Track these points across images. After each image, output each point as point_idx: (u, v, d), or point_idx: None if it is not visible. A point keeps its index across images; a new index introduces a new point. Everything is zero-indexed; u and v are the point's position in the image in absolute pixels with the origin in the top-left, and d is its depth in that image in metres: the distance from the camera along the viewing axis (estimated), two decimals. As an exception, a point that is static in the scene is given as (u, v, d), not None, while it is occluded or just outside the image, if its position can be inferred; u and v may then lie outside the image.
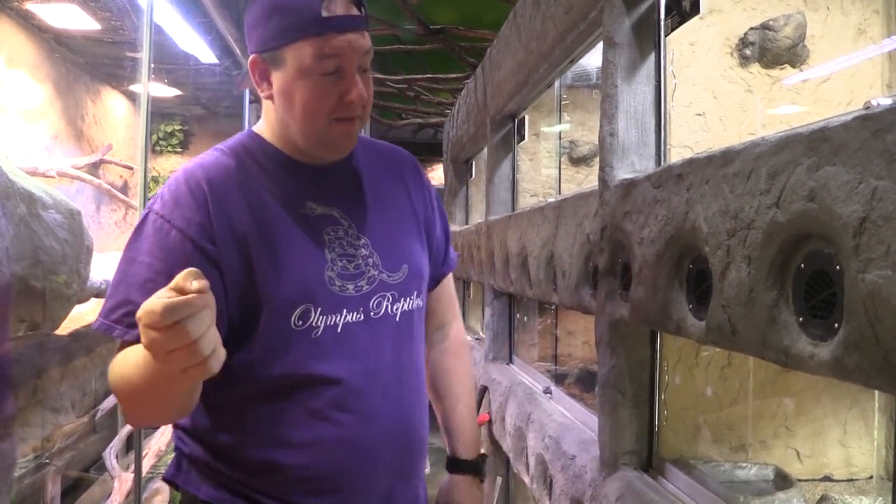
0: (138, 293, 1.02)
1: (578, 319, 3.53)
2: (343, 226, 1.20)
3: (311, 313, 1.12)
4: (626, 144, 1.90)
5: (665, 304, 1.50)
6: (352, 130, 1.17)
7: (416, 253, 1.30)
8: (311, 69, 1.10)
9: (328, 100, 1.13)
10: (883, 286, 0.88)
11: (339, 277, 1.16)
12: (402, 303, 1.23)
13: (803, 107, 2.18)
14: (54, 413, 3.97)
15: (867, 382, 0.96)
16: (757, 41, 2.12)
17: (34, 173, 3.76)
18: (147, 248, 1.08)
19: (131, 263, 1.08)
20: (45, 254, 2.05)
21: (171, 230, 1.08)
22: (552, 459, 2.35)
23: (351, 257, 1.18)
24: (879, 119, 0.92)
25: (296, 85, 1.12)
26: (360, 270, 1.19)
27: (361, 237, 1.21)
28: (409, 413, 1.24)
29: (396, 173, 1.34)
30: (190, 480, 1.18)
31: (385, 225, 1.26)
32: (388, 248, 1.24)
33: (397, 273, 1.23)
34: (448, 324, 1.47)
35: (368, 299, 1.18)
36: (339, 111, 1.14)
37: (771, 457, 2.10)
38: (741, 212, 1.21)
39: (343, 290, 1.16)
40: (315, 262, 1.15)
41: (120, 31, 4.18)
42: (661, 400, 1.90)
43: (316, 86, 1.11)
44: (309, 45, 1.09)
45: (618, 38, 1.92)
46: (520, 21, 3.20)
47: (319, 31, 1.09)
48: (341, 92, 1.12)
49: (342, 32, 1.10)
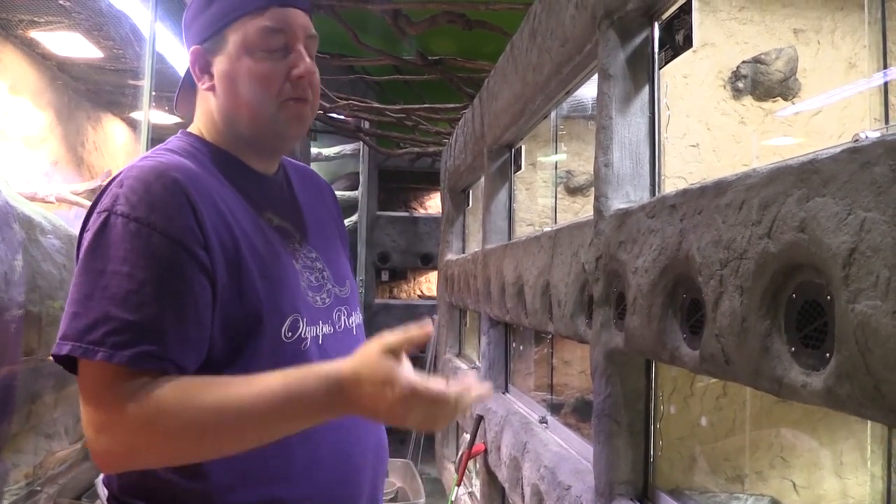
0: (120, 308, 0.90)
1: (575, 349, 3.53)
2: (296, 238, 1.14)
3: (300, 324, 1.05)
4: (620, 175, 1.92)
5: (659, 333, 1.51)
6: (303, 112, 1.09)
7: (349, 270, 1.26)
8: (255, 44, 1.05)
9: (276, 78, 1.06)
10: (873, 316, 0.89)
11: (310, 289, 1.11)
12: (354, 317, 1.20)
13: (796, 139, 2.21)
14: (47, 439, 3.94)
15: (859, 412, 0.97)
16: (749, 74, 2.15)
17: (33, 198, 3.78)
18: (121, 255, 0.92)
19: (101, 275, 0.92)
20: (42, 279, 2.06)
21: (152, 234, 0.93)
22: (548, 490, 2.33)
23: (311, 270, 1.13)
24: (867, 151, 0.94)
25: (240, 65, 1.06)
26: (321, 283, 1.14)
27: (313, 251, 1.16)
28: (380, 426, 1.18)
29: (315, 190, 1.30)
30: None
31: (325, 241, 1.21)
32: (333, 263, 1.20)
33: (344, 288, 1.20)
34: None
35: (331, 312, 1.13)
36: (288, 91, 1.07)
37: (767, 488, 2.09)
38: (733, 242, 1.22)
39: (314, 303, 1.11)
40: (292, 273, 1.09)
41: (122, 59, 4.22)
42: (656, 430, 1.90)
43: (262, 63, 1.06)
44: (251, 20, 1.05)
45: (612, 70, 1.95)
46: (517, 53, 3.25)
47: (261, 4, 1.06)
48: (288, 68, 1.06)
49: (284, 6, 1.07)
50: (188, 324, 0.94)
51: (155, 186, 0.96)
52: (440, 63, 5.91)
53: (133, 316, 0.90)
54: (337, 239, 1.27)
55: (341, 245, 1.29)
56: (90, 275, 0.93)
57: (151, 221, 0.94)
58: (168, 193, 0.96)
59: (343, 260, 1.25)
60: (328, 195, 1.33)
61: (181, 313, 0.93)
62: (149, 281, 0.92)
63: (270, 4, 1.06)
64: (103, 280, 0.92)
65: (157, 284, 0.92)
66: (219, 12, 1.07)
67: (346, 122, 8.50)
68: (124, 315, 0.90)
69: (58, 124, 4.64)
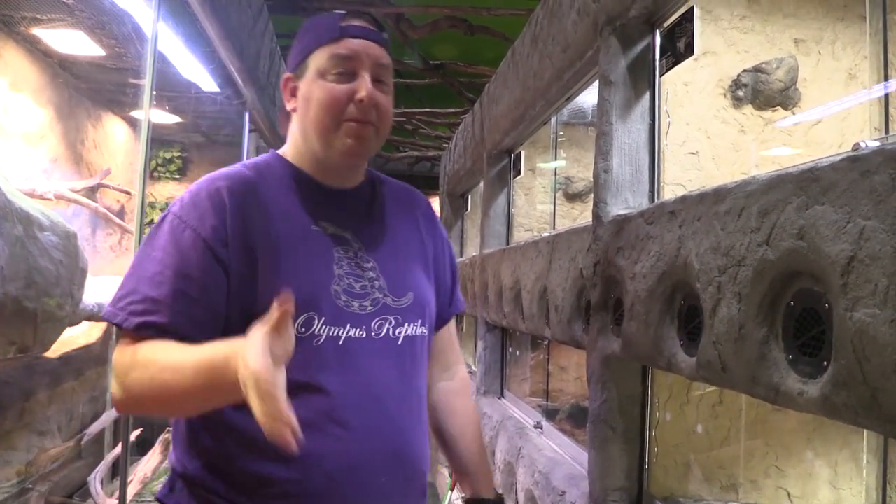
0: (147, 285, 1.09)
1: (571, 355, 3.52)
2: (353, 247, 1.23)
3: (315, 322, 1.14)
4: (620, 181, 1.92)
5: (656, 339, 1.51)
6: (363, 134, 1.20)
7: (423, 284, 1.31)
8: (326, 69, 1.19)
9: (341, 99, 1.18)
10: (870, 325, 0.89)
11: (345, 293, 1.18)
12: (406, 328, 1.24)
13: (795, 149, 2.22)
14: (40, 436, 3.92)
15: (855, 421, 0.97)
16: (750, 83, 2.16)
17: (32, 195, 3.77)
18: (161, 244, 1.13)
19: (145, 259, 1.13)
20: (39, 275, 2.05)
21: (186, 229, 1.12)
22: (542, 495, 2.33)
23: (358, 277, 1.21)
24: (867, 160, 0.94)
25: (313, 87, 1.20)
26: (366, 291, 1.21)
27: (370, 260, 1.24)
28: (407, 435, 1.22)
29: (410, 211, 1.38)
30: (181, 501, 1.17)
31: (394, 253, 1.28)
32: (395, 274, 1.26)
33: (402, 299, 1.25)
34: (454, 365, 1.48)
35: (371, 319, 1.20)
36: (351, 112, 1.18)
37: (761, 496, 2.08)
38: (732, 249, 1.22)
39: (348, 307, 1.18)
40: (322, 274, 1.18)
41: (124, 57, 4.22)
42: (651, 436, 1.89)
43: (330, 86, 1.19)
44: (326, 49, 1.20)
45: (613, 76, 1.96)
46: (518, 59, 3.26)
47: (335, 36, 1.20)
48: (353, 92, 1.18)
49: (356, 38, 1.20)
50: (197, 304, 1.10)
51: (202, 193, 1.16)
52: (441, 67, 5.92)
53: (153, 292, 1.08)
54: (419, 255, 1.34)
55: (423, 261, 1.34)
56: (138, 257, 1.15)
57: (187, 220, 1.13)
58: (208, 199, 1.15)
59: (415, 273, 1.30)
60: (423, 213, 1.41)
61: (192, 295, 1.10)
62: (172, 266, 1.10)
63: (344, 36, 1.20)
64: (144, 262, 1.12)
65: (178, 269, 1.09)
66: (304, 44, 1.24)
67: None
68: (146, 291, 1.08)
69: (58, 122, 4.64)
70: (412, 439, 1.23)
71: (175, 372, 1.03)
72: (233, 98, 4.78)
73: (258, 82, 4.62)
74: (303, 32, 1.26)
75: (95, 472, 3.76)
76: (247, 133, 5.26)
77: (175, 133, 6.42)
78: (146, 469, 3.89)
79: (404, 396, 1.23)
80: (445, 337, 1.46)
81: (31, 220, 2.04)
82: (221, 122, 5.89)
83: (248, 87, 4.47)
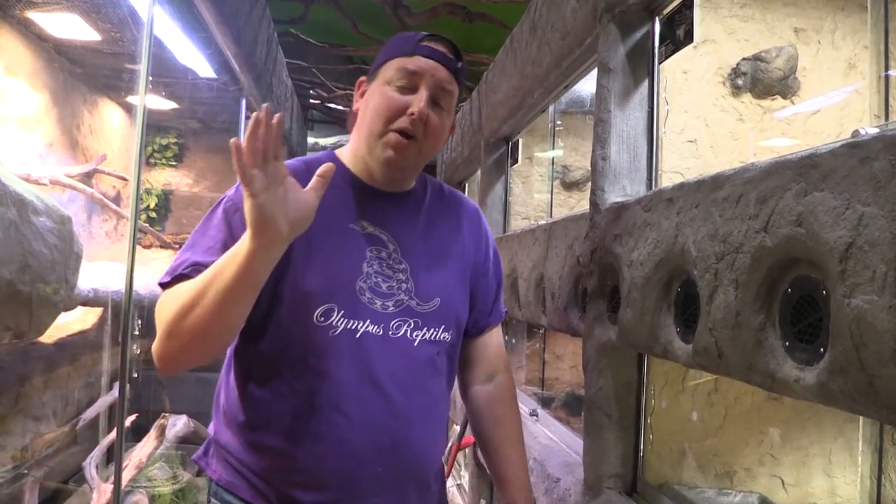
0: (198, 254, 1.19)
1: (567, 343, 3.53)
2: (388, 248, 1.29)
3: (334, 314, 1.21)
4: (617, 169, 1.91)
5: (653, 327, 1.50)
6: (403, 147, 1.25)
7: (454, 292, 1.35)
8: (392, 79, 1.26)
9: (395, 108, 1.24)
10: (868, 311, 0.89)
11: (370, 291, 1.24)
12: (425, 332, 1.28)
13: (794, 139, 2.21)
14: (35, 421, 3.92)
15: (852, 408, 0.97)
16: (749, 72, 2.15)
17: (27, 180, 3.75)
18: (215, 223, 1.24)
19: (199, 236, 1.24)
20: (33, 258, 2.04)
21: (237, 211, 1.21)
22: (536, 482, 2.33)
23: (387, 277, 1.27)
24: (867, 147, 0.93)
25: (376, 92, 1.27)
26: (392, 292, 1.26)
27: (403, 262, 1.29)
28: (410, 430, 1.26)
29: (457, 219, 1.43)
30: (210, 464, 1.31)
31: (429, 259, 1.33)
32: (426, 279, 1.30)
33: (428, 304, 1.30)
34: (499, 373, 1.51)
35: (391, 319, 1.25)
36: (401, 123, 1.24)
37: (756, 485, 2.09)
38: (730, 236, 1.22)
39: (371, 304, 1.24)
40: (350, 270, 1.24)
41: (120, 42, 4.18)
42: (646, 424, 1.90)
43: (389, 94, 1.25)
44: (397, 61, 1.27)
45: (612, 64, 1.95)
46: (516, 46, 3.24)
47: (410, 51, 1.27)
48: (408, 105, 1.24)
49: (428, 58, 1.26)
50: None
51: None
52: (439, 55, 5.87)
53: (201, 258, 1.18)
54: (456, 262, 1.38)
55: (460, 268, 1.38)
56: (195, 232, 1.25)
57: (235, 201, 1.23)
58: None
59: (448, 279, 1.35)
60: (470, 220, 1.45)
61: None
62: (222, 240, 1.20)
63: (417, 53, 1.27)
64: (200, 237, 1.23)
65: (224, 243, 1.18)
66: (384, 53, 1.31)
67: (344, 112, 8.47)
68: (196, 258, 1.18)
69: (53, 106, 4.61)
70: (415, 435, 1.27)
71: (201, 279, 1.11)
72: (229, 84, 4.75)
73: (255, 69, 4.60)
74: (387, 44, 1.33)
75: (90, 458, 3.76)
76: (243, 120, 5.23)
77: (171, 119, 6.39)
78: (141, 454, 3.89)
79: (412, 395, 1.27)
80: (487, 344, 1.49)
81: (26, 204, 2.03)
82: (218, 109, 5.86)
83: (245, 73, 4.44)
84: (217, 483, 1.29)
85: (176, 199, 6.71)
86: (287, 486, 1.22)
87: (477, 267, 1.42)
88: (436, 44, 1.29)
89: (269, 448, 1.23)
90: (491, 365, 1.50)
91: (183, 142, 6.82)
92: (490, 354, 1.49)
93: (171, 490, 4.19)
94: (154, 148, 6.69)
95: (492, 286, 1.47)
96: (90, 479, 3.62)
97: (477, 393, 1.49)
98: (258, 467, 1.23)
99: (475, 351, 1.47)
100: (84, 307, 3.94)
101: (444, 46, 1.29)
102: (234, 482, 1.26)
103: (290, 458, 1.21)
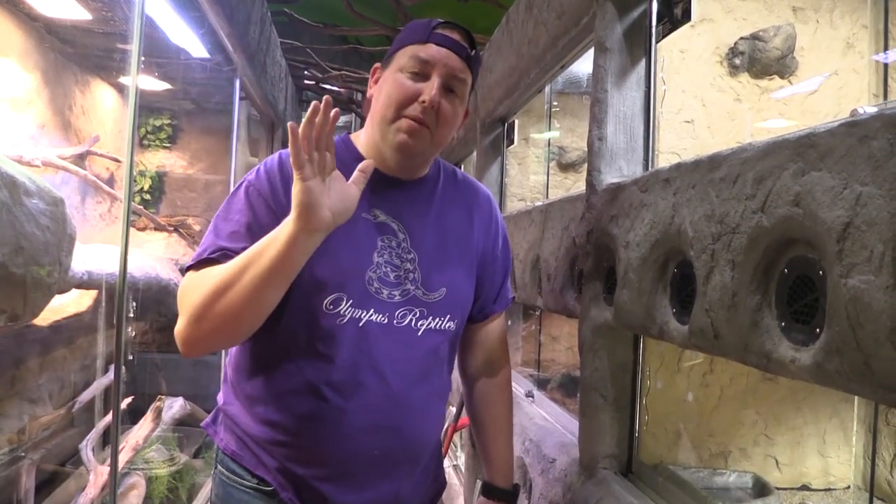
0: (223, 239, 1.24)
1: (563, 325, 3.53)
2: (398, 237, 1.31)
3: (342, 303, 1.25)
4: (614, 149, 1.90)
5: (649, 307, 1.50)
6: (415, 132, 1.26)
7: (460, 282, 1.38)
8: (405, 66, 1.27)
9: (407, 95, 1.26)
10: (865, 291, 0.88)
11: (379, 281, 1.28)
12: (430, 321, 1.32)
13: (791, 120, 2.20)
14: (31, 404, 3.92)
15: (847, 387, 0.97)
16: (747, 51, 2.13)
17: (19, 162, 3.72)
18: (237, 207, 1.27)
19: (222, 219, 1.27)
20: (25, 240, 2.02)
21: (255, 192, 1.27)
22: (532, 463, 2.34)
23: (395, 267, 1.30)
24: (865, 126, 0.92)
25: (389, 79, 1.29)
26: (399, 282, 1.30)
27: (412, 252, 1.32)
28: (408, 416, 1.31)
29: (466, 204, 1.44)
30: (218, 432, 1.38)
31: (437, 248, 1.35)
32: (433, 269, 1.33)
33: (434, 293, 1.33)
34: (498, 359, 1.55)
35: (396, 308, 1.28)
36: (413, 110, 1.25)
37: (750, 464, 2.10)
38: (727, 216, 1.21)
39: (378, 294, 1.27)
40: (361, 260, 1.27)
41: (111, 21, 4.13)
42: (642, 405, 1.90)
43: (402, 80, 1.27)
44: (411, 48, 1.29)
45: (609, 43, 1.93)
46: (512, 26, 3.21)
47: (423, 39, 1.28)
48: (420, 92, 1.25)
49: (441, 45, 1.27)
50: None
51: (270, 164, 1.30)
52: (435, 35, 5.83)
53: (227, 243, 1.22)
54: (465, 250, 1.40)
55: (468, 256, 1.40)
56: (218, 217, 1.29)
57: (257, 185, 1.28)
58: (274, 169, 1.29)
59: (455, 270, 1.37)
60: (480, 207, 1.46)
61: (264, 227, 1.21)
62: (244, 224, 1.24)
63: (430, 40, 1.28)
64: (223, 222, 1.27)
65: (248, 227, 1.24)
66: (398, 40, 1.33)
67: (339, 93, 8.41)
68: (221, 243, 1.23)
69: (45, 87, 4.56)
70: (414, 422, 1.32)
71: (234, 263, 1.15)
72: (223, 65, 4.71)
73: (249, 48, 4.55)
74: (402, 31, 1.35)
75: (87, 440, 3.76)
76: (237, 101, 5.19)
77: (164, 100, 6.34)
78: (138, 437, 3.89)
79: (415, 383, 1.31)
80: (490, 331, 1.52)
81: (17, 186, 2.01)
82: (212, 90, 5.81)
83: (239, 53, 4.40)
84: (223, 452, 1.36)
85: (170, 180, 6.66)
86: (286, 460, 1.27)
87: (485, 255, 1.45)
88: (449, 31, 1.29)
89: (272, 423, 1.28)
90: (491, 351, 1.53)
91: (176, 123, 6.77)
92: (492, 341, 1.53)
93: (168, 472, 4.20)
94: (147, 129, 6.64)
95: (499, 274, 1.49)
96: (87, 462, 3.62)
97: (474, 376, 1.53)
98: (261, 440, 1.29)
99: (478, 336, 1.50)
100: (79, 290, 3.93)
101: (458, 34, 1.30)
102: (239, 452, 1.32)
103: (291, 435, 1.26)
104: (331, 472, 1.27)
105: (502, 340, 1.56)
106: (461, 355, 1.54)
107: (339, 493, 1.28)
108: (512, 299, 1.57)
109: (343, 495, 1.28)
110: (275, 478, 1.29)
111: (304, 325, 1.25)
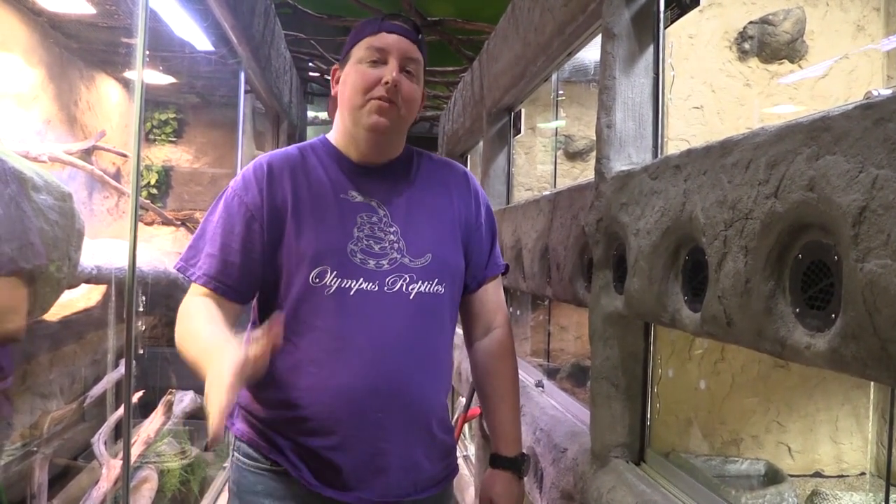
0: (207, 244, 1.39)
1: (571, 314, 3.53)
2: (378, 214, 1.41)
3: (327, 274, 1.34)
4: (623, 136, 1.89)
5: (660, 295, 1.49)
6: (383, 109, 1.38)
7: (446, 246, 1.45)
8: (363, 57, 1.40)
9: (369, 81, 1.38)
10: (882, 275, 0.87)
11: (362, 252, 1.37)
12: (419, 285, 1.39)
13: (800, 105, 2.18)
14: (43, 399, 3.94)
15: (864, 373, 0.96)
16: (756, 35, 2.11)
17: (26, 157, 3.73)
18: (219, 211, 1.41)
19: (208, 222, 1.42)
20: (34, 235, 2.03)
21: (235, 197, 1.40)
22: (543, 452, 2.34)
23: (378, 239, 1.39)
24: (881, 108, 0.91)
25: (350, 71, 1.42)
26: (384, 252, 1.38)
27: (393, 225, 1.41)
28: (409, 378, 1.37)
29: (444, 181, 1.53)
30: (234, 422, 1.46)
31: (418, 220, 1.44)
32: (416, 237, 1.42)
33: (420, 259, 1.41)
34: (496, 327, 1.59)
35: (385, 276, 1.37)
36: (378, 92, 1.37)
37: (762, 452, 2.10)
38: (739, 202, 1.20)
39: (364, 263, 1.36)
40: (341, 235, 1.37)
41: (115, 16, 4.13)
42: (653, 393, 1.89)
43: (363, 69, 1.39)
44: (365, 41, 1.41)
45: (617, 29, 1.91)
46: (518, 13, 3.19)
47: (375, 30, 1.41)
48: (382, 76, 1.37)
49: (391, 33, 1.41)
50: (240, 254, 1.38)
51: (252, 169, 1.43)
52: (439, 25, 5.81)
53: (211, 249, 1.38)
54: (446, 220, 1.48)
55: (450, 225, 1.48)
56: (204, 221, 1.43)
57: (238, 191, 1.41)
58: (255, 174, 1.42)
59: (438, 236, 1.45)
60: (457, 181, 1.55)
61: (236, 248, 1.38)
62: (223, 226, 1.39)
63: (381, 31, 1.41)
64: (208, 225, 1.41)
65: (230, 230, 1.38)
66: (351, 39, 1.46)
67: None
68: (207, 249, 1.39)
69: (50, 82, 4.56)
70: (415, 383, 1.38)
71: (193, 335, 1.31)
72: (227, 58, 4.70)
73: (253, 41, 4.54)
74: (352, 31, 1.47)
75: (99, 434, 3.78)
76: (242, 94, 5.18)
77: (170, 94, 6.34)
78: (149, 430, 3.91)
79: (411, 345, 1.38)
80: (484, 297, 1.57)
81: (25, 181, 2.01)
82: (217, 83, 5.81)
83: (243, 45, 4.39)
84: (239, 439, 1.44)
85: (176, 175, 6.67)
86: (297, 435, 1.35)
87: (469, 223, 1.51)
88: (397, 21, 1.43)
89: (279, 403, 1.36)
90: (488, 319, 1.58)
91: (182, 117, 6.77)
92: (488, 309, 1.57)
93: (181, 465, 4.22)
94: (153, 124, 6.64)
95: (486, 240, 1.55)
96: (99, 456, 3.64)
97: (476, 348, 1.59)
98: (271, 422, 1.38)
99: (474, 306, 1.57)
100: (88, 285, 3.94)
101: (404, 22, 1.44)
102: (254, 438, 1.41)
103: (297, 409, 1.34)
104: (340, 440, 1.33)
105: (499, 308, 1.60)
106: (464, 329, 1.61)
107: (351, 461, 1.34)
108: (505, 266, 1.61)
109: (354, 462, 1.34)
110: (288, 458, 1.36)
111: (295, 302, 1.35)
